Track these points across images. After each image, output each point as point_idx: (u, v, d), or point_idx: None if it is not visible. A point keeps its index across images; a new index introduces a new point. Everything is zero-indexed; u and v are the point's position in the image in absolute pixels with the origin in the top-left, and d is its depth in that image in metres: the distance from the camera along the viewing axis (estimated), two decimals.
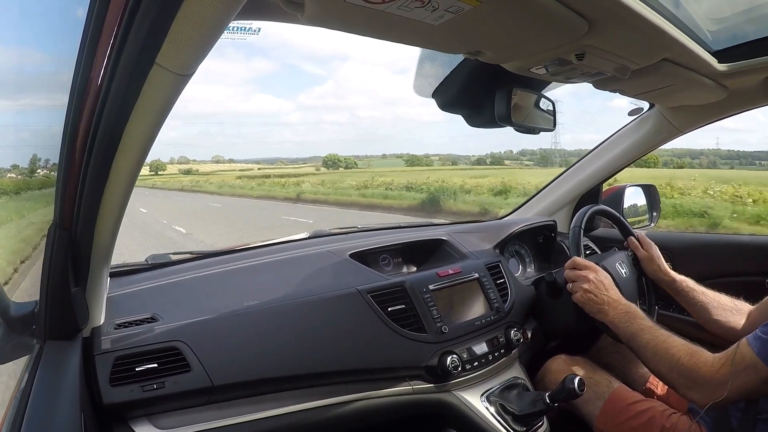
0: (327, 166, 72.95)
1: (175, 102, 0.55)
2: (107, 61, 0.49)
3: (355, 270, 1.14)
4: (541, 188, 1.84)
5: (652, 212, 1.76)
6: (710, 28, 0.97)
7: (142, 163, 0.61)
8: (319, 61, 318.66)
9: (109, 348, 0.79)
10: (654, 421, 1.03)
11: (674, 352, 0.92)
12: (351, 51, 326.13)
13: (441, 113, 1.16)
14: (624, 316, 1.03)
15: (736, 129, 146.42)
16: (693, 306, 1.20)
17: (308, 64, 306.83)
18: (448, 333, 1.07)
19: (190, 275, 1.06)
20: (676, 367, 0.90)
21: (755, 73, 1.09)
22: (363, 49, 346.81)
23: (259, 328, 0.92)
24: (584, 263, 1.13)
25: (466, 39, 0.75)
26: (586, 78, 0.99)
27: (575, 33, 0.72)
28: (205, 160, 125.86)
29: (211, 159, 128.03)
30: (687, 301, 1.21)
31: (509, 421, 1.06)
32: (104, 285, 0.82)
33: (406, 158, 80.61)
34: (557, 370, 1.20)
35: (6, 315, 0.75)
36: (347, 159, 79.48)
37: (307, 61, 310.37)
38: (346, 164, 73.55)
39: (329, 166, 72.38)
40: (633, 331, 1.00)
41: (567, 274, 1.14)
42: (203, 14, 0.46)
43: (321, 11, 0.59)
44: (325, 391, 0.93)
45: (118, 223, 0.70)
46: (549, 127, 1.20)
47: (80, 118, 0.55)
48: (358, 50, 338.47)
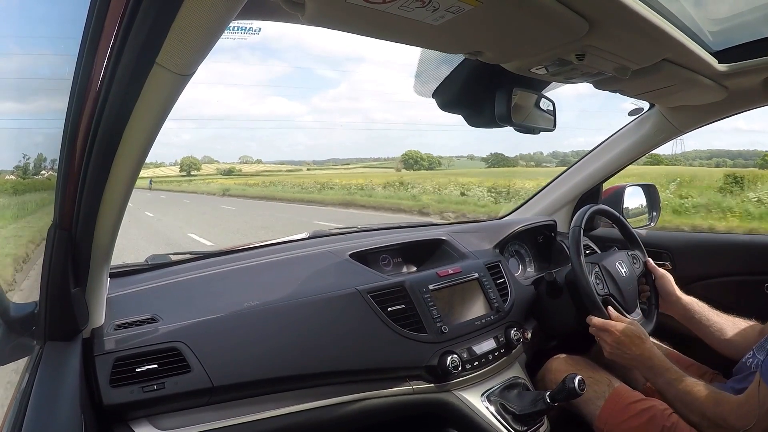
0: (407, 165, 65.40)
1: (175, 102, 0.55)
2: (107, 60, 0.48)
3: (354, 270, 1.14)
4: (541, 188, 1.84)
5: (652, 212, 1.76)
6: (710, 28, 0.97)
7: (142, 163, 0.61)
8: (333, 63, 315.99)
9: (109, 349, 0.79)
10: (654, 420, 1.03)
11: (700, 405, 0.94)
12: (366, 53, 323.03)
13: (455, 117, 1.16)
14: (649, 372, 1.04)
15: (751, 131, 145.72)
16: (706, 328, 1.19)
17: (322, 66, 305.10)
18: (448, 333, 1.07)
19: (190, 276, 1.06)
20: (705, 419, 0.94)
21: (755, 73, 1.09)
22: (378, 51, 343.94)
23: (259, 329, 0.92)
24: (600, 324, 1.11)
25: (467, 39, 0.75)
26: (586, 78, 0.99)
27: (576, 33, 0.72)
28: (230, 161, 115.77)
29: (239, 159, 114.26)
30: (699, 323, 1.20)
31: (509, 420, 1.06)
32: (104, 286, 0.82)
33: (491, 159, 66.23)
34: (557, 369, 1.20)
35: (6, 316, 0.75)
36: (429, 157, 70.79)
37: (321, 64, 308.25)
38: (429, 163, 67.04)
39: (410, 165, 65.31)
40: (659, 387, 1.02)
41: (591, 330, 1.14)
42: (204, 14, 0.45)
43: (321, 11, 0.59)
44: (325, 391, 0.93)
45: (118, 223, 0.70)
46: (549, 127, 1.20)
47: (80, 118, 0.55)
48: (374, 52, 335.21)
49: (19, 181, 9.90)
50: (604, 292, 1.18)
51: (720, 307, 1.23)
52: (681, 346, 1.32)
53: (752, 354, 1.05)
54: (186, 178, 71.22)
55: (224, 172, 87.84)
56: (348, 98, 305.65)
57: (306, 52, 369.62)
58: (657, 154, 32.50)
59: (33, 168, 8.28)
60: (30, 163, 9.01)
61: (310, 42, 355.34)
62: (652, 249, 1.52)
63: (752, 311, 1.20)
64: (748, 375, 1.02)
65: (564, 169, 1.81)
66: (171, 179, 68.31)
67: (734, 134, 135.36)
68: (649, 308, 1.27)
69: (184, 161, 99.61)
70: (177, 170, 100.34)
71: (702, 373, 1.23)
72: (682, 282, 1.28)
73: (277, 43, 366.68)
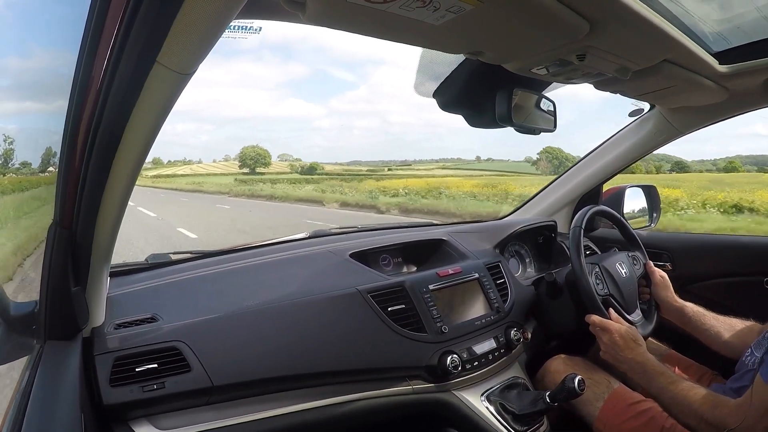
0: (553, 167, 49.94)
1: (176, 101, 0.55)
2: (108, 59, 0.48)
3: (355, 270, 1.14)
4: (541, 189, 1.84)
5: (652, 213, 1.76)
6: (711, 29, 0.97)
7: (142, 161, 0.61)
8: (351, 66, 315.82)
9: (109, 348, 0.79)
10: (654, 421, 1.03)
11: (697, 408, 0.93)
12: (386, 55, 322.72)
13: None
14: (642, 377, 1.03)
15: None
16: (704, 332, 1.19)
17: (340, 69, 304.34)
18: (448, 333, 1.07)
19: (190, 275, 1.06)
20: (703, 422, 0.92)
21: (756, 74, 1.09)
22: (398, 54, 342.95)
23: (259, 328, 0.92)
24: (599, 323, 1.11)
25: (467, 39, 0.75)
26: (587, 79, 0.99)
27: (576, 34, 0.72)
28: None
29: (277, 158, 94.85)
30: (697, 327, 1.20)
31: (509, 420, 1.06)
32: (104, 285, 0.82)
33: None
34: (557, 369, 1.20)
35: (6, 315, 0.75)
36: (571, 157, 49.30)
37: (339, 66, 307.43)
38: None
39: (556, 167, 51.03)
40: (654, 392, 1.02)
41: (590, 328, 1.14)
42: (204, 13, 0.45)
43: (322, 11, 0.59)
44: (325, 390, 0.93)
45: (118, 222, 0.69)
46: (549, 128, 1.20)
47: (81, 117, 0.55)
48: (394, 55, 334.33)
49: (25, 178, 9.89)
50: (605, 292, 1.18)
51: (720, 307, 1.23)
52: (680, 346, 1.32)
53: (750, 352, 1.05)
54: (249, 177, 52.06)
55: (303, 170, 72.26)
56: (366, 101, 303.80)
57: (326, 54, 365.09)
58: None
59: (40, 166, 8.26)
60: (31, 163, 8.98)
61: (331, 44, 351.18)
62: (652, 250, 1.52)
63: (752, 311, 1.20)
64: (745, 373, 1.02)
65: (565, 170, 1.81)
66: (238, 179, 44.76)
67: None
68: (648, 309, 1.28)
69: (247, 153, 76.61)
70: (225, 166, 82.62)
71: (701, 374, 1.23)
72: (682, 282, 1.28)
73: (302, 44, 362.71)
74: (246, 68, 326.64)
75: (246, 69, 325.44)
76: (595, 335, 1.13)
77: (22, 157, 10.76)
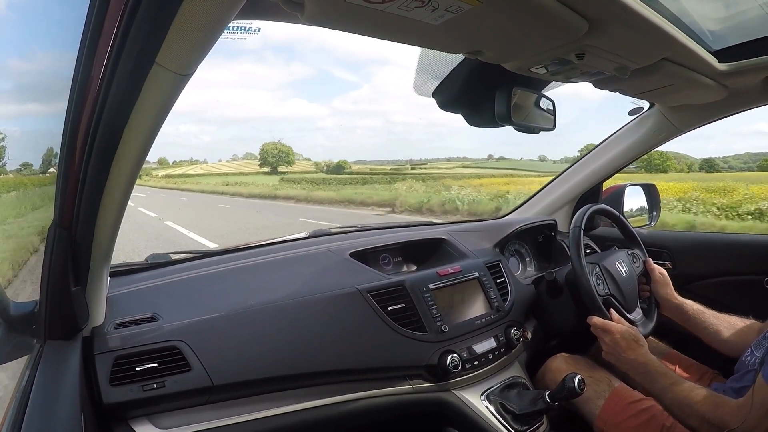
0: None
1: (175, 102, 0.55)
2: (107, 60, 0.48)
3: (355, 269, 1.14)
4: (541, 187, 1.84)
5: (652, 212, 1.76)
6: (710, 27, 0.97)
7: (142, 162, 0.61)
8: (354, 66, 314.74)
9: (109, 347, 0.79)
10: (654, 420, 1.03)
11: (698, 408, 0.93)
12: (389, 55, 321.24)
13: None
14: (644, 378, 1.03)
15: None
16: (703, 330, 1.19)
17: (343, 69, 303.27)
18: (448, 332, 1.07)
19: (190, 275, 1.06)
20: (705, 422, 0.92)
21: (755, 72, 1.09)
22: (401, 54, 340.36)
23: (259, 328, 0.92)
24: (601, 324, 1.10)
25: (467, 39, 0.75)
26: (586, 77, 0.99)
27: (575, 33, 0.72)
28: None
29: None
30: (696, 325, 1.20)
31: (509, 420, 1.07)
32: (104, 284, 0.82)
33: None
34: (557, 369, 1.20)
35: (6, 315, 0.75)
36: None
37: (342, 67, 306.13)
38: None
39: None
40: (655, 393, 1.01)
41: (592, 330, 1.13)
42: (203, 14, 0.45)
43: (321, 11, 0.59)
44: (325, 390, 0.93)
45: (118, 222, 0.70)
46: (549, 127, 1.20)
47: (80, 118, 0.55)
48: (397, 55, 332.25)
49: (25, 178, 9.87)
50: (605, 292, 1.18)
51: (720, 306, 1.23)
52: (681, 345, 1.32)
53: (750, 352, 1.05)
54: (270, 176, 49.39)
55: (330, 168, 67.57)
56: (369, 101, 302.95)
57: (329, 54, 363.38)
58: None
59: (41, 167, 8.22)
60: (32, 163, 8.96)
61: (334, 44, 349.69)
62: (652, 248, 1.52)
63: (752, 310, 1.20)
64: (746, 373, 1.02)
65: (564, 168, 1.81)
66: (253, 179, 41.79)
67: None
68: (649, 308, 1.28)
69: (268, 150, 70.14)
70: (240, 165, 78.33)
71: (702, 373, 1.23)
72: (682, 281, 1.28)
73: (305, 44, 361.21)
74: (249, 69, 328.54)
75: (249, 70, 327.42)
76: (596, 336, 1.13)
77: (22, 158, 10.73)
